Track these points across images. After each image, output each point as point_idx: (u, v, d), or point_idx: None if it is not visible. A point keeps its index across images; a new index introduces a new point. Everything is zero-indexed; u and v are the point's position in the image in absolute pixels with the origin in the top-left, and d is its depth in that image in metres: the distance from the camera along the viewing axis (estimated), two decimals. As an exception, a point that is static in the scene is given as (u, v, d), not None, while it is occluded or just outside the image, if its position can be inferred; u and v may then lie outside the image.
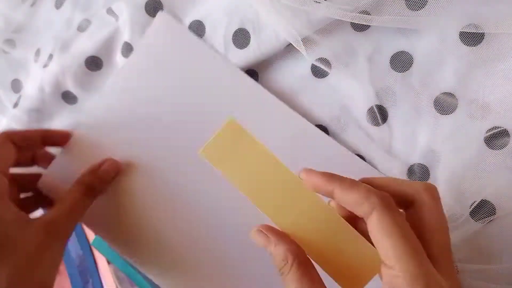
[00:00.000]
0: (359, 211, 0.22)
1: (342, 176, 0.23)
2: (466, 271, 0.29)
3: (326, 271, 0.23)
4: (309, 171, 0.24)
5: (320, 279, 0.23)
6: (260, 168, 0.25)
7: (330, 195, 0.23)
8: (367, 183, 0.24)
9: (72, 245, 0.43)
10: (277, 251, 0.23)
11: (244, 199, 0.25)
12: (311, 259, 0.24)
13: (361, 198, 0.22)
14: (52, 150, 0.37)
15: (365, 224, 0.22)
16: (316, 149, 0.32)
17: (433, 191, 0.23)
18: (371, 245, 0.22)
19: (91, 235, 0.43)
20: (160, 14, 0.35)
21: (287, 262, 0.23)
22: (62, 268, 0.44)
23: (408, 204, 0.23)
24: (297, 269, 0.22)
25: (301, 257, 0.23)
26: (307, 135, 0.32)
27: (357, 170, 0.31)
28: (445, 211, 0.28)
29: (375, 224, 0.21)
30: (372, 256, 0.22)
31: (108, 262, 0.41)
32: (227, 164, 0.26)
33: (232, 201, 0.33)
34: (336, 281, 0.23)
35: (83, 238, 0.43)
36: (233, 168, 0.26)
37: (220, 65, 0.33)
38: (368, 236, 0.22)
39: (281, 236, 0.24)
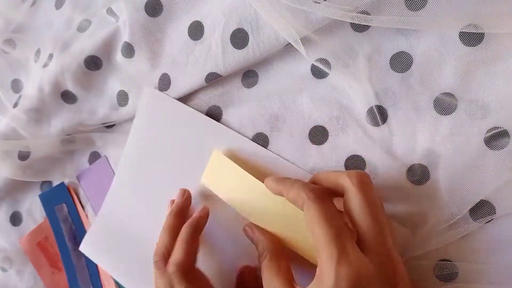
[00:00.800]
0: (298, 206, 0.25)
1: (286, 178, 0.27)
2: (465, 271, 0.29)
3: (298, 252, 0.28)
4: (268, 178, 0.29)
5: (287, 268, 0.27)
6: (241, 186, 0.31)
7: (282, 196, 0.27)
8: (312, 181, 0.28)
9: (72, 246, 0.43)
10: (258, 244, 0.29)
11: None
12: (284, 248, 0.28)
13: (296, 195, 0.25)
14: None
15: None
16: None
17: (357, 178, 0.25)
18: None
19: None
20: (147, 90, 0.36)
21: (263, 252, 0.28)
22: (61, 266, 0.44)
23: (342, 193, 0.25)
24: (269, 259, 0.27)
25: (274, 250, 0.28)
26: None
27: None
28: (444, 210, 0.28)
29: (305, 216, 0.24)
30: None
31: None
32: (220, 187, 0.32)
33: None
34: (307, 258, 0.28)
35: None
36: (224, 189, 0.32)
37: (213, 128, 0.35)
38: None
39: (262, 232, 0.29)
